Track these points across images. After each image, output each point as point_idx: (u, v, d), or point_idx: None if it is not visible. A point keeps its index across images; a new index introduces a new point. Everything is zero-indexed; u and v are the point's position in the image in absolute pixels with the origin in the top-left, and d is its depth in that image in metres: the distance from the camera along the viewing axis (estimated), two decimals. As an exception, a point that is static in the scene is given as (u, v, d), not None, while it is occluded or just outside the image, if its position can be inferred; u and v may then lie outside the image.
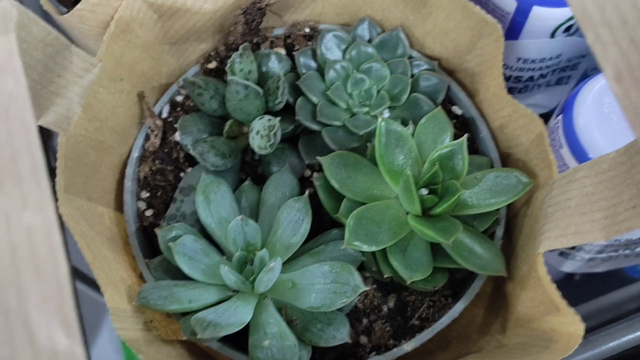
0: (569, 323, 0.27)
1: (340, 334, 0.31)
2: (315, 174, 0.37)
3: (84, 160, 0.33)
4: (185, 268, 0.31)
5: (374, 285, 0.34)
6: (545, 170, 0.32)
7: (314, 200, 0.34)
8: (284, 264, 0.32)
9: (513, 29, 0.38)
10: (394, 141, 0.32)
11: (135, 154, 0.37)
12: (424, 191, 0.31)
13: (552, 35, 0.37)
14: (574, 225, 0.28)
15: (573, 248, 0.39)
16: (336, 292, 0.30)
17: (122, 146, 0.37)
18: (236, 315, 0.30)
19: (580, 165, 0.29)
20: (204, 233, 0.34)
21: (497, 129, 0.37)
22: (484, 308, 0.36)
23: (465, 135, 0.32)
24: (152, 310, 0.31)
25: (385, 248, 0.32)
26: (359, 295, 0.32)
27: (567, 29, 0.37)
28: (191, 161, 0.37)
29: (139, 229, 0.36)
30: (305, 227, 0.32)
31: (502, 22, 0.38)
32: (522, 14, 0.37)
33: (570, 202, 0.28)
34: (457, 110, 0.38)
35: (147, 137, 0.37)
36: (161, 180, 0.36)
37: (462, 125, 0.38)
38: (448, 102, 0.39)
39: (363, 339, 0.34)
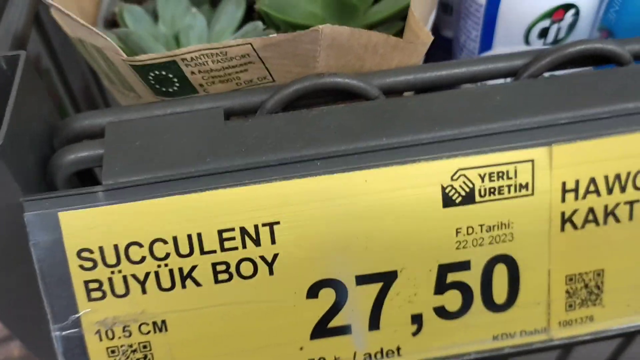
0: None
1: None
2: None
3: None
4: (130, 23, 0.32)
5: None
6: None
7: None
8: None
9: (487, 26, 0.35)
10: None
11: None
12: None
13: (526, 38, 0.35)
14: None
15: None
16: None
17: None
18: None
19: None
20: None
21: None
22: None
23: None
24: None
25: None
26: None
27: (543, 33, 0.35)
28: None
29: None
30: (238, 14, 0.33)
31: (476, 17, 0.36)
32: (493, 3, 0.34)
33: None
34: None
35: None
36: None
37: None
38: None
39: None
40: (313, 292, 0.25)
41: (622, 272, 0.27)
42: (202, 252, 0.24)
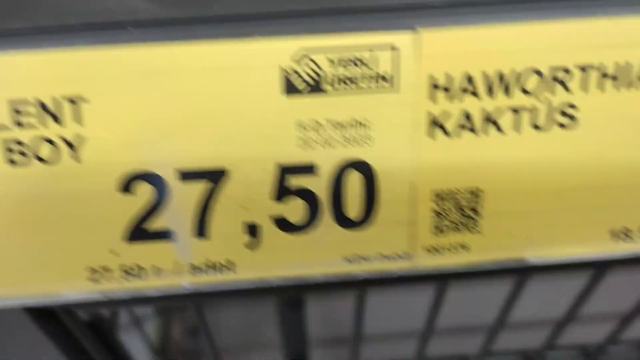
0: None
1: None
2: None
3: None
4: None
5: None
6: None
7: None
8: None
9: None
10: None
11: None
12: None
13: None
14: None
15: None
16: None
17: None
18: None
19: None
20: None
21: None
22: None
23: None
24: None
25: None
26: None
27: None
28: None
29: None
30: None
31: None
32: None
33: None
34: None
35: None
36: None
37: None
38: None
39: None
40: (127, 185, 0.21)
41: (505, 195, 0.22)
42: (-10, 126, 0.20)
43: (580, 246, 0.23)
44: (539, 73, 0.21)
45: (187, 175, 0.21)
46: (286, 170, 0.21)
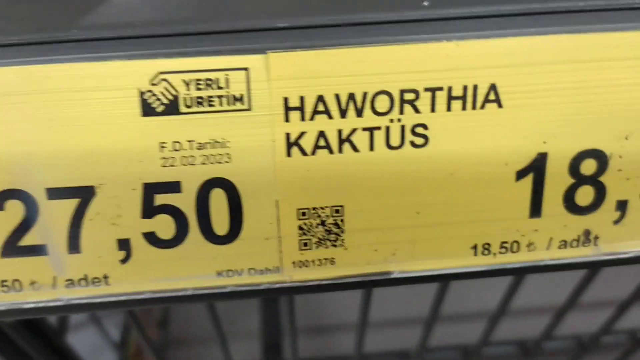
0: None
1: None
2: None
3: None
4: None
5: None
6: None
7: None
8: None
9: None
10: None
11: None
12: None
13: None
14: None
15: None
16: None
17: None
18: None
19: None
20: None
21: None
22: None
23: None
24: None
25: None
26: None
27: None
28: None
29: None
30: None
31: None
32: None
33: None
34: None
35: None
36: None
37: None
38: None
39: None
40: (-2, 203, 0.22)
41: (366, 211, 0.23)
42: None
43: (444, 261, 0.24)
44: (389, 95, 0.21)
45: (55, 193, 0.22)
46: (152, 189, 0.22)
